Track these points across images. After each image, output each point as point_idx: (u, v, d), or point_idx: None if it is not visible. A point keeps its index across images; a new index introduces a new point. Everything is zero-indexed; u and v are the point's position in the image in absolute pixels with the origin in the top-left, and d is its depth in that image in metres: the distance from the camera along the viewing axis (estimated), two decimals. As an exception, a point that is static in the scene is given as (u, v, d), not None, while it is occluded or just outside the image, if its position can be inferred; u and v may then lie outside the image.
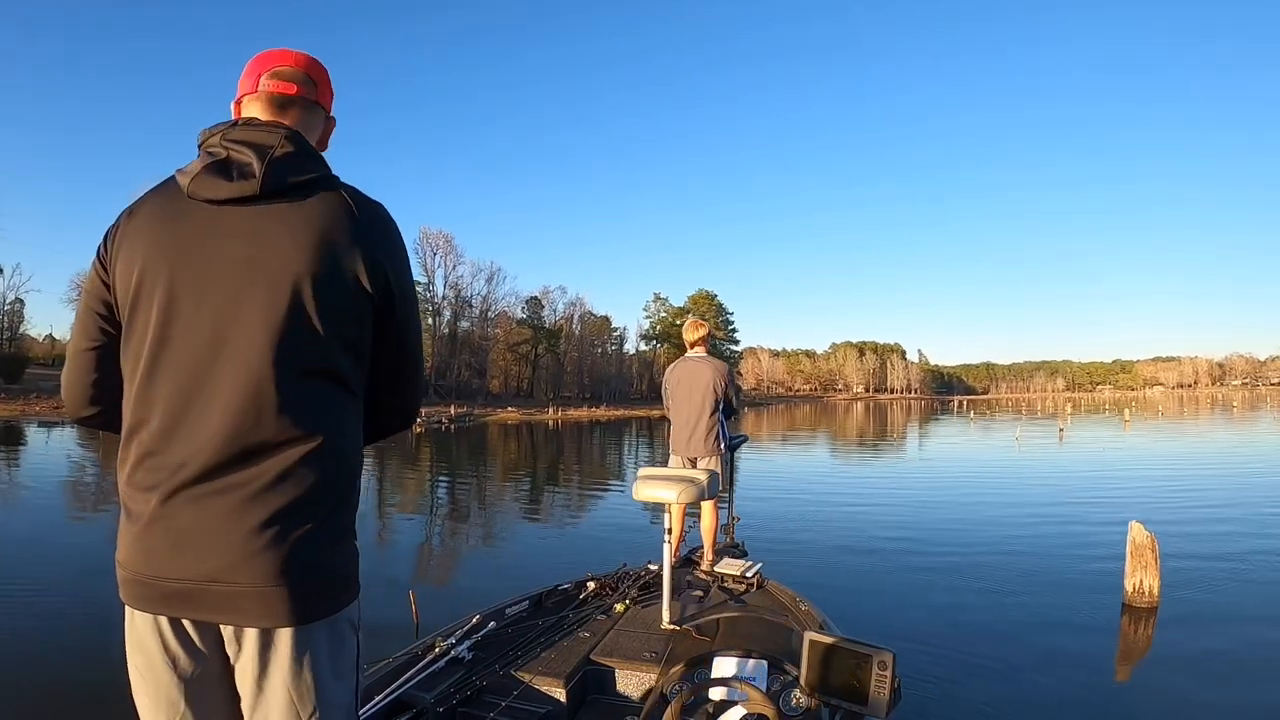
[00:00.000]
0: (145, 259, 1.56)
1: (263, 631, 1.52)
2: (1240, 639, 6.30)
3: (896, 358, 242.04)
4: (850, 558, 9.49)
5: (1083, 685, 5.41)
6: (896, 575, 8.70)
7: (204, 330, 1.52)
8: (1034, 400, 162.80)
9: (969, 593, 7.79)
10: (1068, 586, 7.99)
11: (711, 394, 6.06)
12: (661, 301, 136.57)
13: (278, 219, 1.55)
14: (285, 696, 1.55)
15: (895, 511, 13.46)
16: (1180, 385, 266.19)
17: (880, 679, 1.77)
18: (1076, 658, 5.92)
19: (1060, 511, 12.95)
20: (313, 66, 1.75)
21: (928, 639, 6.13)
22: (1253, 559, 9.10)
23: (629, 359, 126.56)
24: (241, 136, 1.59)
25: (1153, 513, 11.75)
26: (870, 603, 7.51)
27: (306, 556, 1.51)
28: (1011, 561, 9.19)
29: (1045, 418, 61.87)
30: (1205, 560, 8.93)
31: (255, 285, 1.51)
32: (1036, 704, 5.11)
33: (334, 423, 1.57)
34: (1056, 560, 9.23)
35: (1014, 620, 6.86)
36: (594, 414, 77.06)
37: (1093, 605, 7.24)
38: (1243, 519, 11.89)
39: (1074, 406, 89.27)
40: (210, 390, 1.50)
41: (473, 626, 3.87)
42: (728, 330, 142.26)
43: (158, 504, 1.49)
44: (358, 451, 1.65)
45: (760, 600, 4.67)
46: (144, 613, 1.55)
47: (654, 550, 4.81)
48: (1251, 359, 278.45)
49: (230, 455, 1.48)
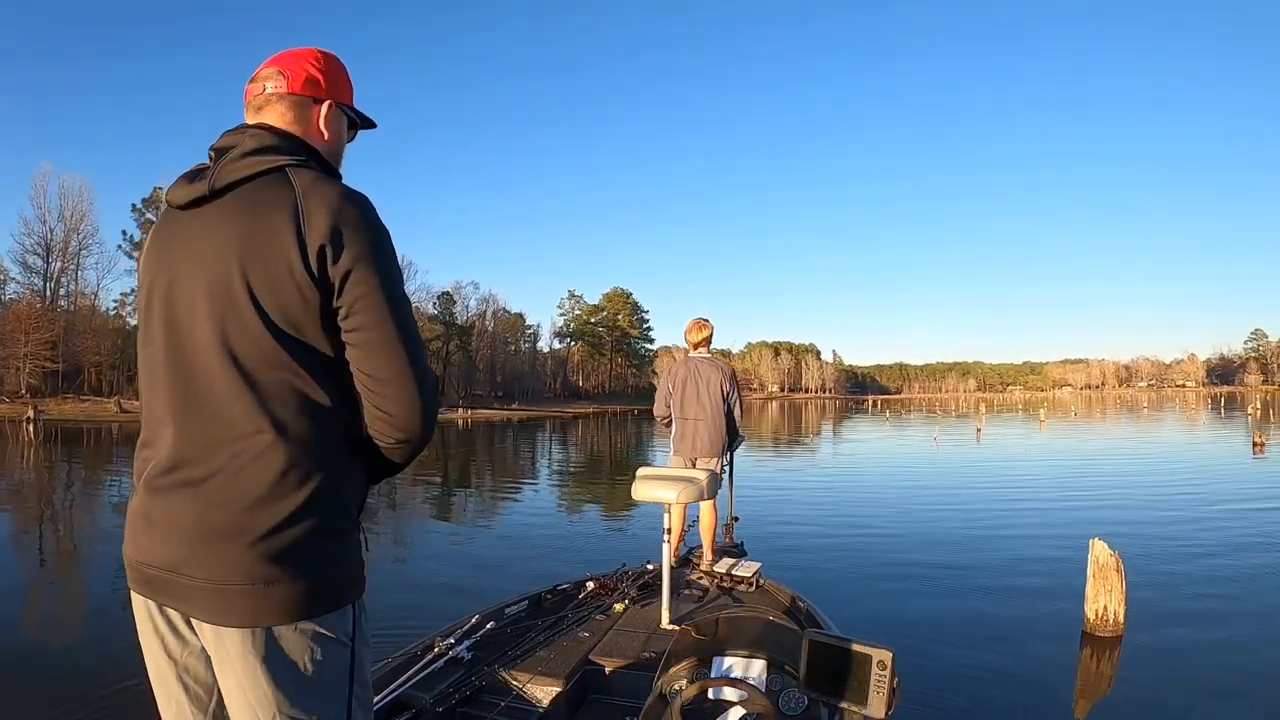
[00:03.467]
0: (141, 269, 1.72)
1: (215, 629, 1.53)
2: (1217, 665, 5.78)
3: (811, 358, 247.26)
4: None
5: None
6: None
7: (163, 331, 1.60)
8: (946, 400, 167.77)
9: (892, 619, 7.08)
10: (1015, 608, 7.32)
11: (719, 396, 6.12)
12: (576, 299, 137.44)
13: (218, 215, 1.59)
14: (243, 699, 1.54)
15: (794, 509, 13.61)
16: (1088, 386, 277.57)
17: (880, 678, 1.78)
18: (1033, 696, 5.25)
19: (993, 519, 12.62)
20: (286, 60, 1.77)
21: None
22: (1221, 568, 8.69)
23: (543, 357, 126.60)
24: (218, 143, 1.68)
25: (1088, 513, 12.33)
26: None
27: (269, 556, 1.50)
28: (943, 577, 8.52)
29: (960, 417, 63.76)
30: (1168, 573, 8.44)
31: (199, 282, 1.56)
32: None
33: (289, 419, 1.54)
34: (994, 578, 8.47)
35: (951, 650, 6.01)
36: (506, 413, 76.83)
37: (1048, 634, 6.47)
38: (1193, 520, 11.90)
39: (987, 406, 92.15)
40: (170, 390, 1.58)
41: (472, 626, 3.95)
42: (643, 329, 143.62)
43: (138, 494, 1.62)
44: (327, 452, 1.58)
45: (760, 600, 4.78)
46: (137, 596, 1.63)
47: (653, 550, 4.96)
48: (1157, 362, 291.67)
49: (187, 450, 1.54)
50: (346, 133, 1.86)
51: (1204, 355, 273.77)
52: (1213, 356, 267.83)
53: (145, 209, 73.00)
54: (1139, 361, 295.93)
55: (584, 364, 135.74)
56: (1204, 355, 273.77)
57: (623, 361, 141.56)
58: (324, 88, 1.78)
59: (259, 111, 1.74)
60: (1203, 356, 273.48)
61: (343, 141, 1.85)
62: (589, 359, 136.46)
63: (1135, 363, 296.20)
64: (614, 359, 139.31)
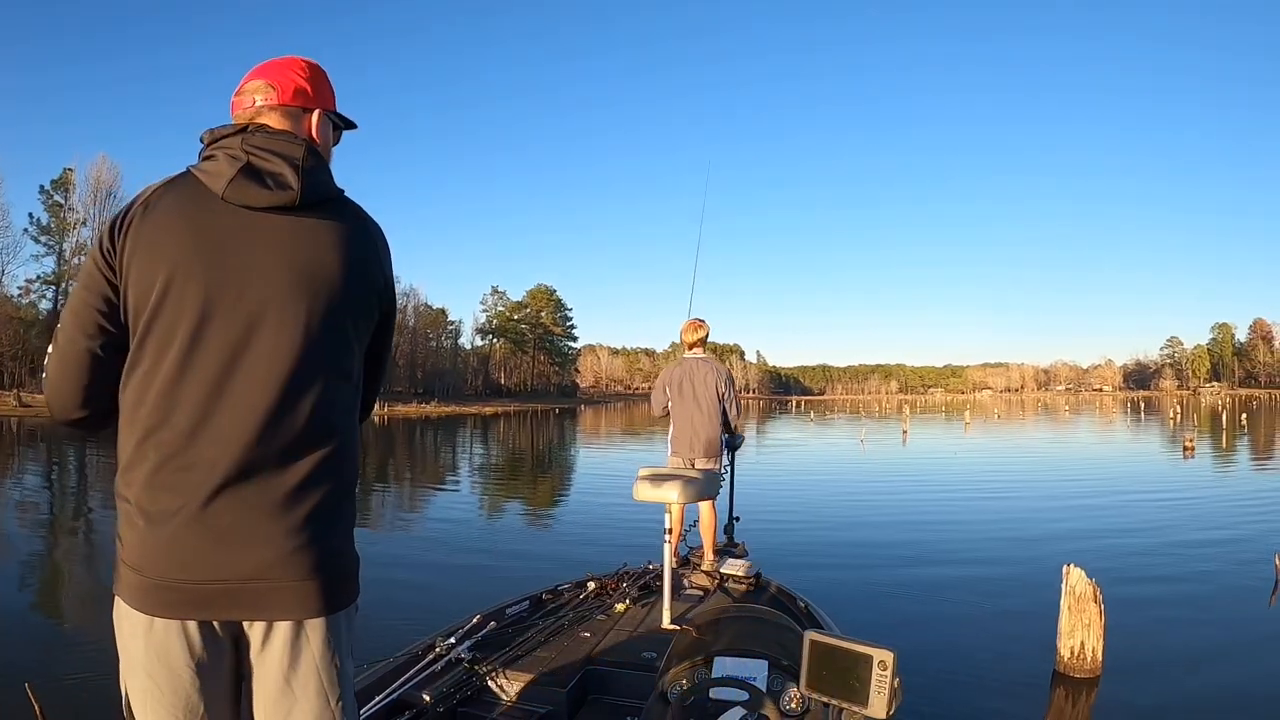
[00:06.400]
0: (176, 259, 1.60)
1: (295, 624, 1.63)
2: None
3: (735, 358, 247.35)
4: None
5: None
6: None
7: (237, 333, 1.60)
8: (869, 402, 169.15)
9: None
10: (966, 641, 6.47)
11: (715, 396, 6.16)
12: (500, 295, 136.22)
13: (316, 231, 1.69)
14: (317, 683, 1.66)
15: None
16: (1008, 390, 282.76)
17: (880, 679, 1.79)
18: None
19: (921, 530, 11.79)
20: (272, 72, 1.81)
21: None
22: (1197, 590, 8.08)
23: (465, 354, 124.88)
24: (264, 144, 1.67)
25: (1039, 524, 12.10)
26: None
27: (335, 549, 1.68)
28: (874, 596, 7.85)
29: (883, 418, 64.50)
30: (1143, 598, 7.60)
31: (294, 293, 1.63)
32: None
33: (350, 424, 1.76)
34: (929, 601, 7.65)
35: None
36: (425, 410, 75.60)
37: (1013, 678, 5.64)
38: (1156, 530, 11.51)
39: (911, 408, 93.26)
40: (241, 391, 1.59)
41: (473, 626, 3.97)
42: (565, 327, 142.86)
43: (197, 505, 1.55)
44: (358, 452, 1.81)
45: (760, 600, 4.81)
46: (167, 619, 1.58)
47: (654, 550, 4.98)
48: (1075, 366, 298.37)
49: (264, 455, 1.58)
50: (332, 136, 1.93)
51: (1120, 361, 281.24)
52: (1129, 362, 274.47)
53: (54, 191, 70.33)
54: (1057, 366, 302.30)
55: (506, 361, 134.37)
56: (1120, 361, 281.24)
57: (545, 359, 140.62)
58: (312, 97, 1.84)
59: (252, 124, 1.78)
60: (1119, 362, 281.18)
61: (330, 147, 1.91)
62: (511, 356, 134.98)
63: (1054, 367, 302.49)
64: (537, 357, 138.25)
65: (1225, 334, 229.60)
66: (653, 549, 5.14)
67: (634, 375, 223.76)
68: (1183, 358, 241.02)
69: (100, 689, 4.83)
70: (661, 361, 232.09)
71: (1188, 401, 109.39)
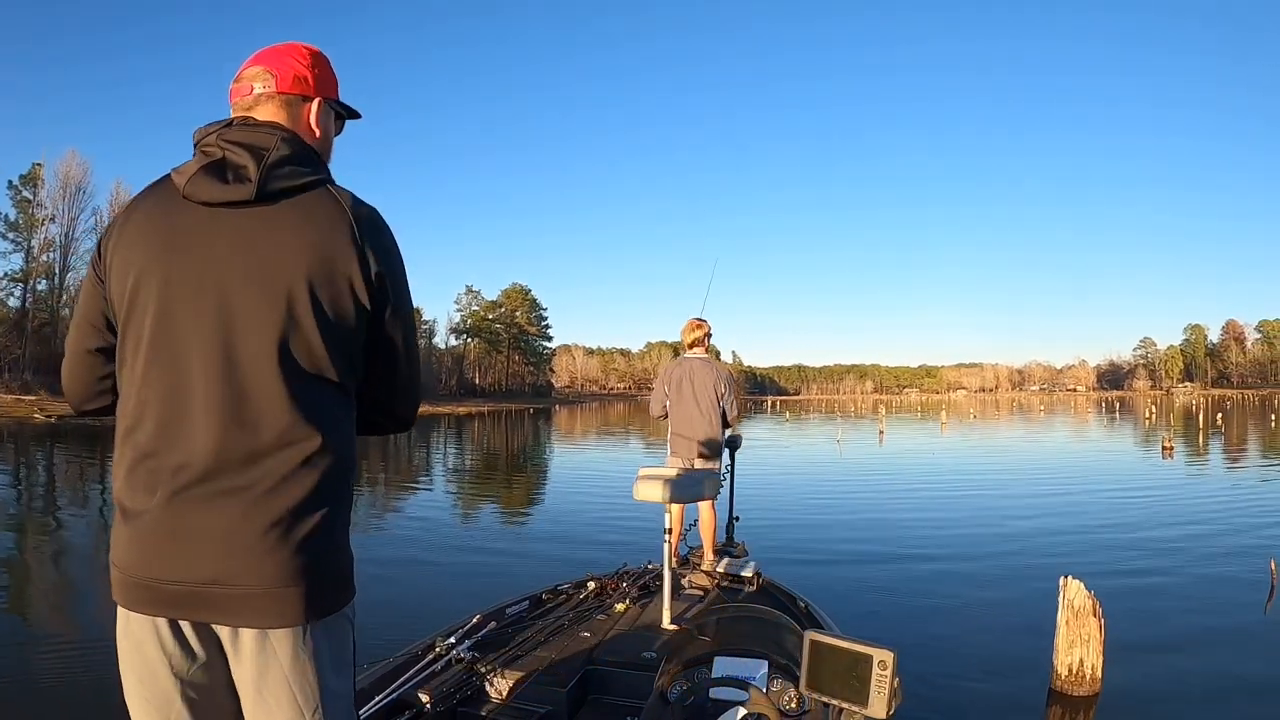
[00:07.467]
0: (142, 260, 1.63)
1: (260, 632, 1.59)
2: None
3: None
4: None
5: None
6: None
7: (200, 332, 1.59)
8: (845, 402, 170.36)
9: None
10: (952, 659, 6.09)
11: (714, 396, 6.17)
12: (474, 294, 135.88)
13: (273, 223, 1.63)
14: (289, 694, 1.61)
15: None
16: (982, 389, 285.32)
17: (880, 679, 1.80)
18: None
19: (898, 535, 11.43)
20: (272, 59, 1.79)
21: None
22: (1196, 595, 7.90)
23: (439, 353, 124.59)
24: (238, 137, 1.66)
25: (1021, 529, 11.81)
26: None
27: (312, 556, 1.60)
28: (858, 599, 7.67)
29: (859, 418, 64.99)
30: (1139, 608, 7.28)
31: (252, 289, 1.59)
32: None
33: (330, 424, 1.65)
34: (915, 614, 7.36)
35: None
36: (398, 411, 75.16)
37: (1004, 696, 5.48)
38: (1146, 537, 11.12)
39: (886, 408, 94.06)
40: (207, 392, 1.57)
41: (473, 626, 3.99)
42: (541, 326, 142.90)
43: (161, 505, 1.55)
44: (352, 452, 1.74)
45: (760, 600, 4.81)
46: (141, 614, 1.59)
47: (654, 550, 5.04)
48: (1049, 367, 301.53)
49: (232, 457, 1.55)
50: (334, 126, 1.91)
51: (1094, 361, 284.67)
52: (1103, 363, 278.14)
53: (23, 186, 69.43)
54: (1032, 366, 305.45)
55: (481, 361, 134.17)
56: (1094, 361, 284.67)
57: (520, 359, 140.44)
58: (312, 85, 1.81)
59: (248, 112, 1.76)
60: (1093, 363, 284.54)
61: (331, 136, 1.90)
62: (486, 356, 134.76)
63: (1028, 367, 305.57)
64: (511, 357, 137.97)
65: (1198, 335, 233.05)
66: (653, 549, 5.20)
67: (609, 375, 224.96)
68: (1156, 358, 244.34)
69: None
70: (637, 361, 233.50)
71: (1161, 401, 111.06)
